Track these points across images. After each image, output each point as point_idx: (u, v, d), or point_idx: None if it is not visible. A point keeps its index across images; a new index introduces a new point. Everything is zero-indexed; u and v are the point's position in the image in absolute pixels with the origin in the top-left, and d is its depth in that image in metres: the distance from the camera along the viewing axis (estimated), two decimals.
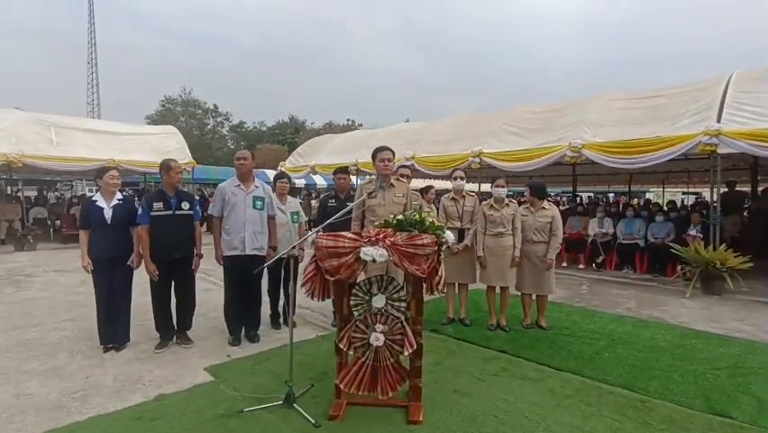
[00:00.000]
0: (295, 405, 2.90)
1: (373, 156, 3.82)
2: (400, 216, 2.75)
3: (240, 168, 4.07)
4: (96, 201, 3.90)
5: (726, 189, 10.65)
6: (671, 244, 6.98)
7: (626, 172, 12.69)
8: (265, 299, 4.49)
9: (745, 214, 10.70)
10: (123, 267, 3.91)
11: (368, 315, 2.86)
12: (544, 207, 4.64)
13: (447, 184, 18.57)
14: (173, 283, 4.10)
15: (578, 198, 15.34)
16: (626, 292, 6.52)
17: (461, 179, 4.77)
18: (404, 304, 2.86)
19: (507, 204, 4.56)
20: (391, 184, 3.84)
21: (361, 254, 2.59)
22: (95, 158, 11.50)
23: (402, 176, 4.75)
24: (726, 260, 6.15)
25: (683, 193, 24.78)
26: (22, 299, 5.86)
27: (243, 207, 3.96)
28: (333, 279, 2.76)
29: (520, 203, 4.87)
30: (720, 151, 6.50)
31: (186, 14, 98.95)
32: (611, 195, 29.77)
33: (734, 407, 2.97)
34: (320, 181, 22.60)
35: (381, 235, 2.62)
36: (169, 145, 13.31)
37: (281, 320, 4.75)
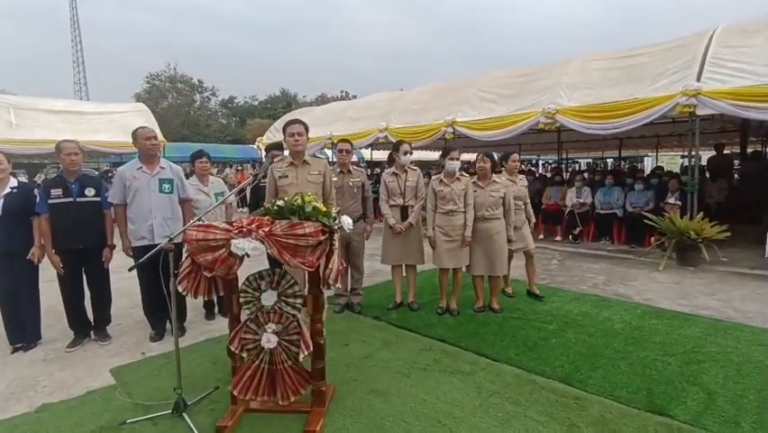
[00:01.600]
0: (184, 414, 2.60)
1: (283, 131, 3.40)
2: (280, 202, 2.36)
3: (150, 148, 3.66)
4: None
5: (713, 153, 10.20)
6: (645, 214, 6.59)
7: (606, 138, 12.20)
8: None
9: (735, 177, 10.27)
10: (22, 262, 3.56)
11: (259, 313, 2.52)
12: (495, 181, 4.24)
13: (429, 155, 18.06)
14: (85, 276, 3.77)
15: (562, 167, 14.76)
16: (597, 266, 6.18)
17: (408, 153, 4.36)
18: (299, 301, 2.51)
19: (457, 178, 4.15)
20: (305, 161, 3.43)
21: (232, 247, 2.22)
22: (57, 139, 10.99)
23: (342, 151, 4.38)
24: (701, 230, 5.77)
25: (681, 156, 24.21)
26: None
27: (148, 191, 3.58)
28: (210, 275, 2.40)
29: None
30: (699, 112, 6.04)
31: None
32: (609, 161, 29.16)
33: (677, 403, 2.66)
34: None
35: (256, 225, 2.24)
36: (137, 123, 12.67)
37: (216, 310, 4.44)
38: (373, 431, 2.45)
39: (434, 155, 16.48)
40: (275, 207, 2.34)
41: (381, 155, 18.36)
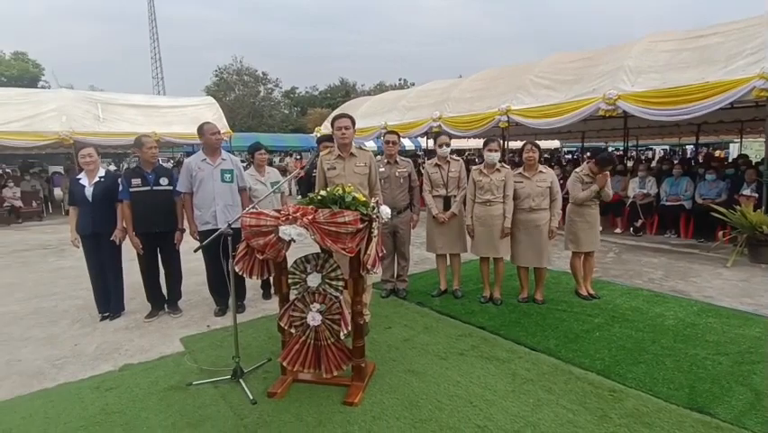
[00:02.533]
0: (241, 380, 2.91)
1: (331, 124, 3.59)
2: (323, 193, 2.56)
3: (216, 142, 4.03)
4: (80, 179, 4.05)
5: None
6: (713, 206, 6.16)
7: (679, 123, 11.34)
8: None
9: None
10: (107, 242, 4.07)
11: (305, 294, 2.76)
12: (541, 171, 4.21)
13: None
14: (159, 256, 4.24)
15: (624, 156, 13.90)
16: (656, 261, 5.91)
17: (447, 145, 4.42)
18: (341, 283, 2.72)
19: (497, 169, 4.18)
20: (351, 154, 3.61)
21: (280, 233, 2.46)
22: (137, 132, 12.10)
23: (389, 142, 4.53)
24: None
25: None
26: (57, 267, 6.40)
27: (211, 181, 3.94)
28: (261, 257, 2.66)
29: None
30: None
31: None
32: (689, 148, 26.94)
33: (720, 402, 2.58)
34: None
35: (300, 212, 2.46)
36: (206, 116, 13.64)
37: (272, 291, 4.80)
38: (407, 407, 2.62)
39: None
40: (318, 197, 2.55)
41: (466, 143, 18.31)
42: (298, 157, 20.29)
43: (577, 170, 4.50)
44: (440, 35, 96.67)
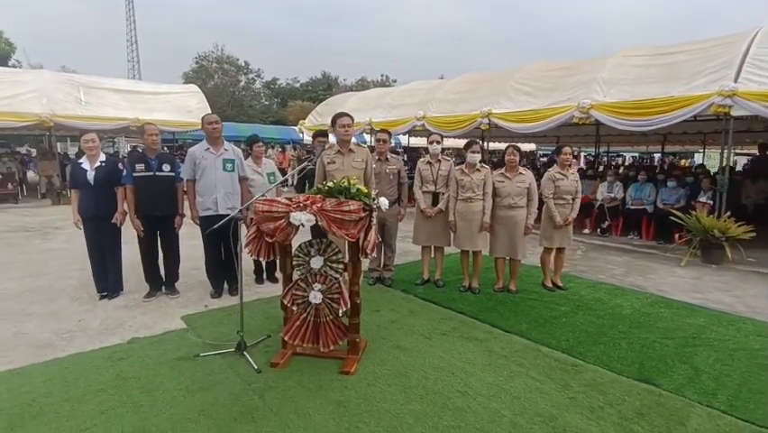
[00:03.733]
0: (245, 353, 3.19)
1: (333, 122, 3.89)
2: (330, 184, 2.87)
3: (213, 131, 4.25)
4: (82, 163, 4.21)
5: (757, 153, 9.99)
6: (672, 211, 6.73)
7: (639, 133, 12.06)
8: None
9: None
10: (108, 224, 4.25)
11: (308, 275, 3.06)
12: (521, 173, 4.61)
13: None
14: (159, 240, 4.44)
15: (600, 161, 14.61)
16: (620, 259, 6.43)
17: (438, 143, 4.77)
18: (341, 266, 3.03)
19: (478, 169, 4.55)
20: (350, 150, 3.92)
21: (291, 219, 2.75)
22: (120, 117, 12.06)
23: (380, 140, 4.84)
24: (726, 229, 5.91)
25: (735, 154, 23.22)
26: (45, 249, 6.47)
27: (214, 169, 4.18)
28: (270, 240, 2.95)
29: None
30: (734, 113, 6.12)
31: None
32: (657, 156, 28.26)
33: (665, 375, 3.03)
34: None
35: (310, 201, 2.76)
36: (190, 104, 13.70)
37: (264, 276, 5.07)
38: (397, 376, 2.96)
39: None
40: (326, 188, 2.85)
41: (418, 141, 18.72)
42: (281, 150, 20.29)
43: (550, 170, 4.93)
44: (424, 35, 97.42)
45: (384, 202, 2.96)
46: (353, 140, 4.23)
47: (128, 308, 4.20)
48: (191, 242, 4.92)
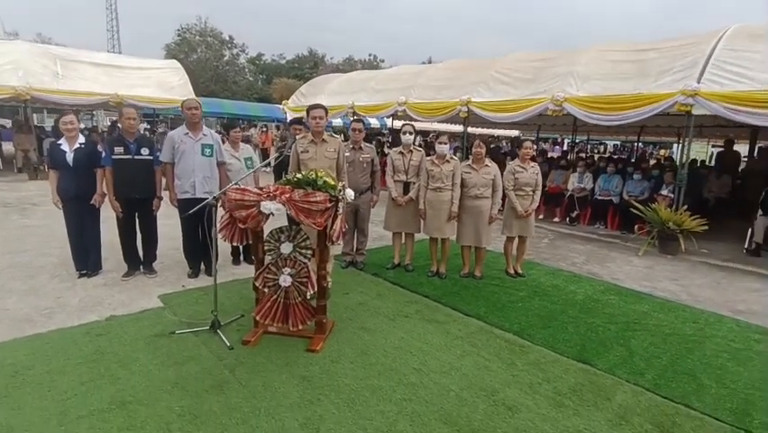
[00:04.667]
0: (218, 331, 3.41)
1: (307, 112, 4.05)
2: (299, 175, 3.06)
3: (192, 117, 4.37)
4: (61, 145, 4.30)
5: (723, 148, 10.43)
6: (633, 202, 7.09)
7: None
8: None
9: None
10: (87, 205, 4.37)
11: (278, 259, 3.27)
12: (487, 165, 4.85)
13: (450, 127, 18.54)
14: (137, 221, 4.58)
15: (569, 153, 14.96)
16: (583, 248, 6.78)
17: (410, 133, 4.96)
18: (309, 252, 3.25)
19: (447, 160, 4.77)
20: (323, 140, 4.09)
21: (261, 207, 2.94)
22: (100, 92, 11.88)
23: (355, 130, 5.00)
24: (681, 221, 6.28)
25: (712, 146, 23.91)
26: (23, 225, 6.52)
27: (192, 153, 4.31)
28: (243, 227, 3.14)
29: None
30: (696, 112, 6.43)
31: None
32: (638, 145, 28.91)
33: (601, 357, 3.35)
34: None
35: (279, 192, 2.95)
36: (172, 81, 13.52)
37: (242, 258, 5.25)
38: (359, 354, 3.22)
39: (458, 127, 16.79)
40: (294, 179, 3.04)
41: (400, 124, 18.79)
42: (264, 129, 20.18)
43: (510, 162, 5.18)
44: (415, 15, 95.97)
45: (350, 193, 3.17)
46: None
47: (107, 286, 4.36)
48: (168, 221, 5.05)
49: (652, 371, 3.19)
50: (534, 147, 5.14)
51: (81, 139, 4.37)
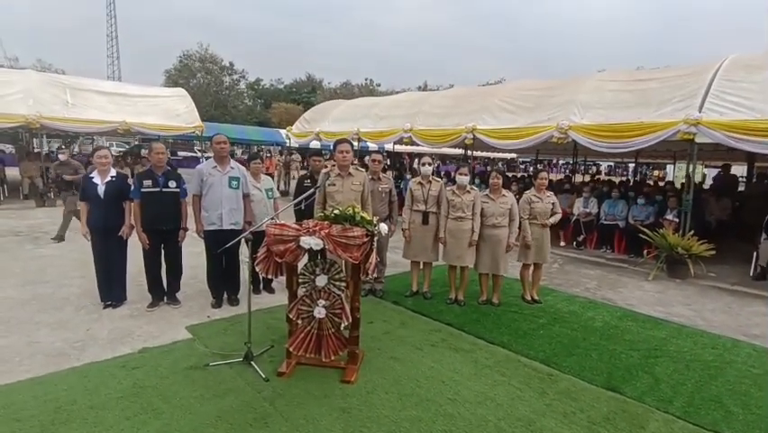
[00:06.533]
0: (252, 362, 3.46)
1: (334, 147, 4.19)
2: (337, 211, 3.18)
3: (220, 151, 4.50)
4: (93, 177, 4.41)
5: (720, 172, 10.70)
6: (641, 228, 7.24)
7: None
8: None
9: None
10: (115, 237, 4.45)
11: (312, 291, 3.35)
12: (504, 195, 4.99)
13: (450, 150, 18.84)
14: (163, 252, 4.66)
15: (578, 169, 15.24)
16: (593, 273, 6.90)
17: (429, 164, 5.12)
18: (344, 284, 3.33)
19: (468, 191, 4.92)
20: (350, 173, 4.23)
21: (301, 242, 3.04)
22: (108, 120, 12.06)
23: (375, 161, 5.15)
24: (689, 246, 6.42)
25: (705, 167, 24.35)
26: (39, 255, 6.56)
27: (220, 186, 4.43)
28: (280, 261, 3.23)
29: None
30: (698, 140, 6.66)
31: None
32: (631, 166, 29.41)
33: (629, 384, 3.42)
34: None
35: (318, 227, 3.06)
36: (179, 108, 13.76)
37: (261, 286, 5.31)
38: (393, 384, 3.28)
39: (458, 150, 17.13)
40: (332, 215, 3.16)
41: (403, 148, 19.10)
42: (268, 155, 20.39)
43: (526, 192, 5.32)
44: (409, 38, 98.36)
45: (384, 228, 3.28)
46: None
47: (133, 317, 4.41)
48: (188, 249, 5.12)
49: (679, 398, 3.26)
50: (546, 175, 5.28)
51: (113, 172, 4.49)
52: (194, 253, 5.10)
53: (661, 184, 13.55)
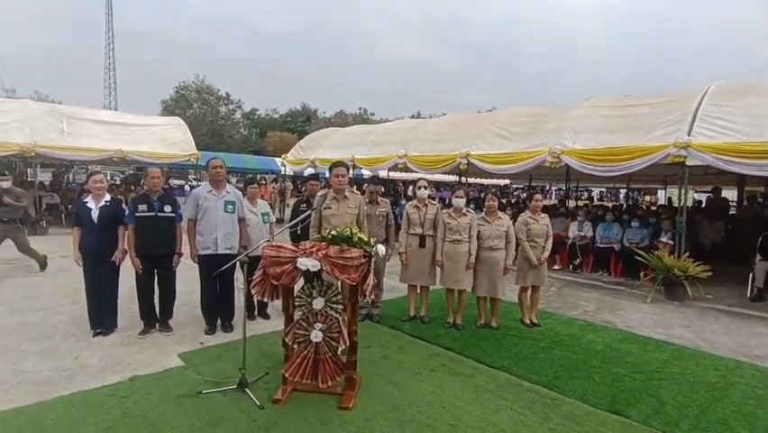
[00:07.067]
0: (246, 390, 3.35)
1: (330, 170, 4.21)
2: (334, 232, 3.15)
3: (216, 175, 4.50)
4: (87, 202, 4.38)
5: (711, 195, 10.84)
6: (636, 250, 7.26)
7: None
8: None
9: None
10: (108, 262, 4.38)
11: (309, 315, 3.29)
12: (500, 217, 5.00)
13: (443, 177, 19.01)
14: (156, 277, 4.58)
15: (570, 196, 15.40)
16: (591, 295, 6.85)
17: (425, 188, 5.13)
18: (341, 306, 3.28)
19: (464, 213, 4.92)
20: (345, 196, 4.24)
21: (298, 264, 3.01)
22: (103, 148, 12.08)
23: (372, 192, 5.14)
24: (686, 268, 6.42)
25: (696, 192, 24.63)
26: (29, 283, 6.43)
27: (216, 210, 4.41)
28: (276, 283, 3.18)
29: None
30: (689, 163, 6.75)
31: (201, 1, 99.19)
32: (622, 191, 29.70)
33: (634, 408, 3.34)
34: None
35: (315, 248, 3.03)
36: (175, 137, 13.82)
37: (256, 312, 5.22)
38: (392, 411, 3.18)
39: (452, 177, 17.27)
40: (330, 236, 3.13)
41: (397, 175, 19.24)
42: (263, 182, 20.46)
43: (522, 214, 5.34)
44: (400, 71, 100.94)
45: (381, 249, 3.25)
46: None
47: (124, 345, 4.29)
48: (182, 276, 5.04)
49: (686, 421, 3.19)
50: (541, 197, 5.33)
51: (107, 197, 4.46)
52: (187, 280, 5.02)
53: (653, 208, 13.67)
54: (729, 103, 6.86)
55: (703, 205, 12.72)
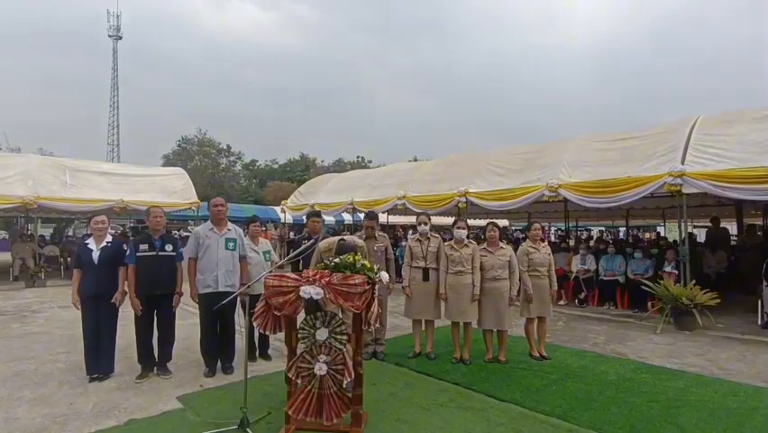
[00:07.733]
0: (248, 430, 3.20)
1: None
2: (337, 260, 3.13)
3: (218, 214, 4.53)
4: (88, 243, 4.37)
5: (711, 226, 10.86)
6: (642, 280, 7.18)
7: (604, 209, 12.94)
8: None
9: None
10: (107, 304, 4.31)
11: (313, 347, 3.20)
12: (502, 248, 4.98)
13: (441, 219, 19.17)
14: (156, 318, 4.49)
15: (570, 235, 15.42)
16: (599, 328, 6.70)
17: (425, 224, 5.14)
18: (345, 337, 3.20)
19: (466, 244, 4.91)
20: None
21: (301, 292, 2.96)
22: (105, 198, 12.20)
23: (368, 228, 5.17)
24: (693, 296, 6.33)
25: (694, 227, 24.66)
26: (24, 333, 6.28)
27: (217, 248, 4.39)
28: (279, 313, 3.12)
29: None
30: (685, 191, 6.82)
31: (202, 58, 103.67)
32: (622, 230, 29.74)
33: None
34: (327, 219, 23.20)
35: (318, 276, 3.00)
36: (176, 186, 14.01)
37: (257, 353, 5.07)
38: None
39: (449, 220, 17.39)
40: (332, 263, 3.11)
41: (399, 219, 19.34)
42: (264, 228, 20.48)
43: (523, 244, 5.32)
44: (395, 120, 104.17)
45: (385, 276, 3.22)
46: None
47: (120, 390, 4.14)
48: (181, 322, 4.96)
49: None
50: (539, 226, 5.34)
51: (108, 238, 4.46)
52: (186, 325, 4.93)
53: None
54: (720, 131, 7.04)
55: (703, 240, 12.76)
